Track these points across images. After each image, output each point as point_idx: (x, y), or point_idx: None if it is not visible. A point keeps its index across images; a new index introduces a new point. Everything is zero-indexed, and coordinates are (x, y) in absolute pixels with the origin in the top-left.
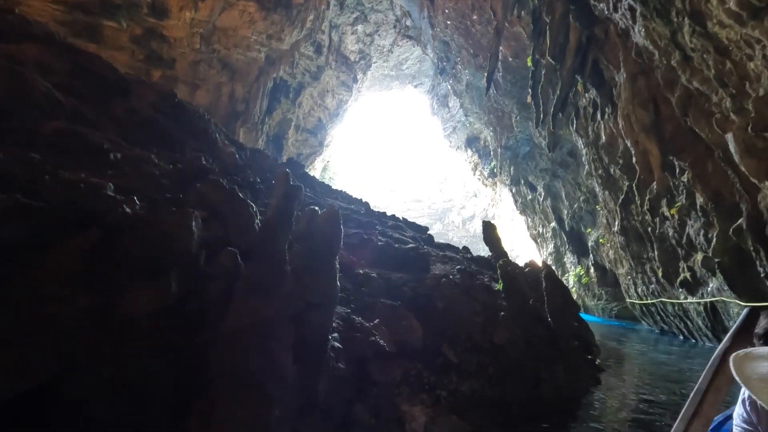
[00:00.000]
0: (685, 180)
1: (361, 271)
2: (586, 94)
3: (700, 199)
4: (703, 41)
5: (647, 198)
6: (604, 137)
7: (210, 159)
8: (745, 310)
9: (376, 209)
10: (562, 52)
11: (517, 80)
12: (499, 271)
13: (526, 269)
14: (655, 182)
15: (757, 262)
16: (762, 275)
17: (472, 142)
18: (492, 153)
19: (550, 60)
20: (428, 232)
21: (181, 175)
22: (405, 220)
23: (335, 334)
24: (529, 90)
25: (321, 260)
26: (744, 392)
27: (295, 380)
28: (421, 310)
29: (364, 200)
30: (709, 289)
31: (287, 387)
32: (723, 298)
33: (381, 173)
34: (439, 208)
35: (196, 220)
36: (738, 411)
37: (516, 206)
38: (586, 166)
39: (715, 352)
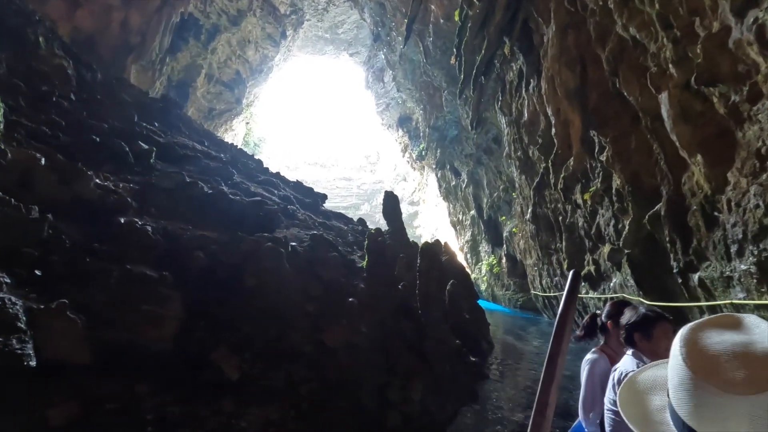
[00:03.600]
0: (604, 159)
1: (122, 220)
2: (513, 65)
3: (616, 182)
4: None
5: (562, 176)
6: (526, 114)
7: (10, 62)
8: (571, 274)
9: (308, 185)
10: (492, 7)
11: (448, 47)
12: (366, 243)
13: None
14: (572, 158)
15: (672, 255)
16: (675, 270)
17: (404, 121)
18: (422, 135)
19: (477, 4)
20: (324, 202)
21: None
22: (297, 183)
23: None
24: (454, 50)
25: None
26: (613, 377)
27: None
28: (212, 288)
29: (257, 158)
30: (611, 284)
31: None
32: (624, 295)
33: (312, 147)
34: (368, 189)
35: None
36: (609, 395)
37: (440, 192)
38: (506, 148)
39: (557, 319)
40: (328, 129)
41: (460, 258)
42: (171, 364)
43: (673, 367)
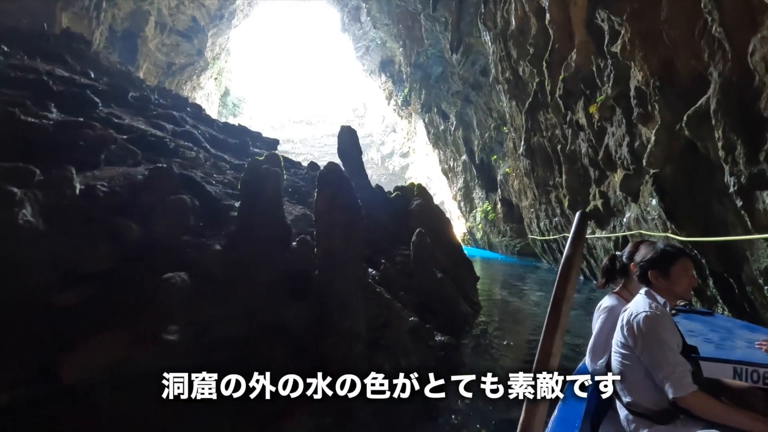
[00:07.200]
0: (618, 50)
1: None
2: None
3: (636, 79)
4: None
5: (561, 79)
6: (514, 22)
7: None
8: (577, 214)
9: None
10: None
11: None
12: (242, 177)
13: (394, 193)
14: (574, 52)
15: (726, 168)
16: (732, 188)
17: (386, 65)
18: (405, 77)
19: None
20: (275, 147)
21: None
22: (229, 125)
23: None
24: None
25: None
26: (622, 318)
27: None
28: None
29: (177, 94)
30: (624, 220)
31: None
32: (642, 232)
33: (297, 104)
34: None
35: None
36: (617, 337)
37: (428, 138)
38: (493, 70)
39: (562, 262)
40: (312, 85)
41: (453, 206)
42: None
43: None
